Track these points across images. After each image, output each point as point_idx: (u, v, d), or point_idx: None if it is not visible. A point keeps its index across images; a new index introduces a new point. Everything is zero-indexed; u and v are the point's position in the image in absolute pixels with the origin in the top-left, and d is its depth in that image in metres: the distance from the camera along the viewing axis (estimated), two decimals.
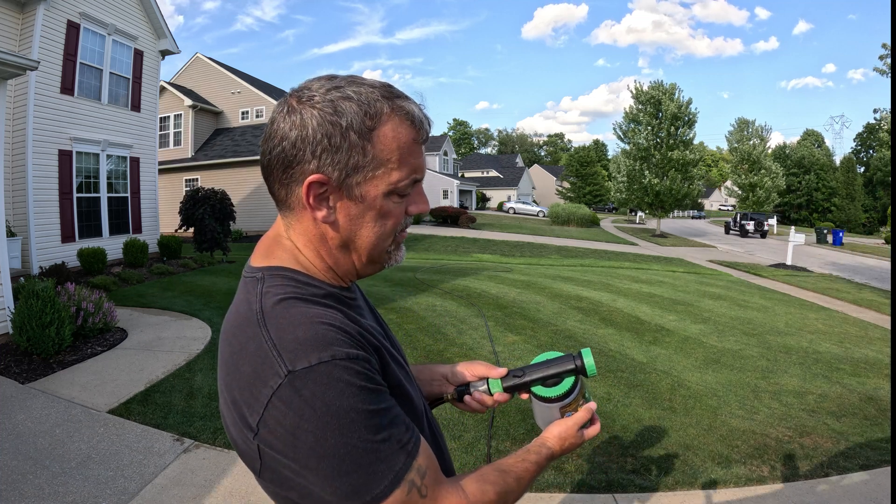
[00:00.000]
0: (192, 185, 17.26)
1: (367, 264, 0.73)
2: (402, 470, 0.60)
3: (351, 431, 0.57)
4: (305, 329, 0.60)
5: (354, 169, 0.65)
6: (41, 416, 3.39)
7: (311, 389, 0.57)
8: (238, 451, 0.66)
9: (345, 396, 0.57)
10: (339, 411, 0.57)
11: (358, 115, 0.64)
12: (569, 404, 0.86)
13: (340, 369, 0.58)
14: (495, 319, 6.10)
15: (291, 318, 0.62)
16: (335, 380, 0.58)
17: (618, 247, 19.65)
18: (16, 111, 8.11)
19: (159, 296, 7.26)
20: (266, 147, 0.67)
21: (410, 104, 0.69)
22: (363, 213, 0.68)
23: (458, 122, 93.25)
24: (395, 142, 0.66)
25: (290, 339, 0.59)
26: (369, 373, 0.61)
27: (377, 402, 0.60)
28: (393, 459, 0.60)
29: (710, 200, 72.07)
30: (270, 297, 0.65)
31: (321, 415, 0.57)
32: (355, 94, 0.65)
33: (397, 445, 0.61)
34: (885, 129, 9.48)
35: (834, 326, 6.59)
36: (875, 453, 3.12)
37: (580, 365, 0.84)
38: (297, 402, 0.57)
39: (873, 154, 48.05)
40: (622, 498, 2.63)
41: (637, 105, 26.25)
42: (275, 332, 0.61)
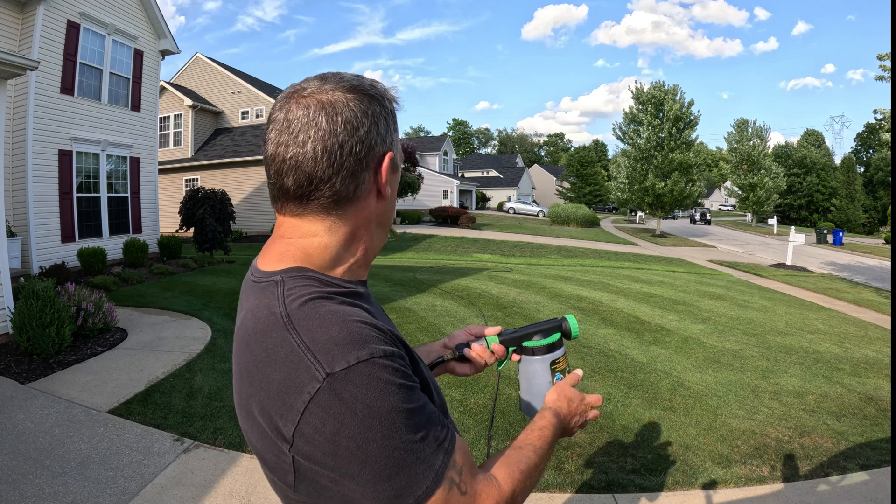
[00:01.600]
0: (192, 185, 17.26)
1: (386, 237, 0.77)
2: (441, 468, 0.60)
3: (393, 433, 0.56)
4: (339, 328, 0.58)
5: (394, 143, 0.70)
6: (41, 416, 3.39)
7: (351, 392, 0.55)
8: (266, 466, 0.64)
9: (386, 396, 0.56)
10: (381, 413, 0.55)
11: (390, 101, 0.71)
12: (558, 360, 0.90)
13: (380, 368, 0.57)
14: (495, 319, 6.10)
15: (322, 319, 0.59)
16: (375, 379, 0.56)
17: (618, 247, 19.64)
18: (16, 111, 8.11)
19: (159, 296, 7.26)
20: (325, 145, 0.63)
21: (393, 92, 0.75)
22: (395, 181, 0.72)
23: (458, 122, 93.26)
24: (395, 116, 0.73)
25: (323, 340, 0.57)
26: (405, 370, 0.60)
27: (415, 401, 0.59)
28: (433, 459, 0.59)
29: (711, 200, 72.04)
30: (295, 299, 0.62)
31: (363, 418, 0.55)
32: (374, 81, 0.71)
33: (435, 444, 0.60)
34: (885, 128, 9.42)
35: (834, 326, 6.59)
36: (875, 453, 3.12)
37: (566, 327, 0.91)
38: (338, 406, 0.55)
39: (873, 154, 48.07)
40: (622, 498, 2.63)
41: (637, 105, 26.24)
42: (306, 335, 0.58)
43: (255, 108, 22.33)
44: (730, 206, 66.86)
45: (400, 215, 26.41)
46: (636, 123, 26.15)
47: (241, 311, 0.72)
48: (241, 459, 2.95)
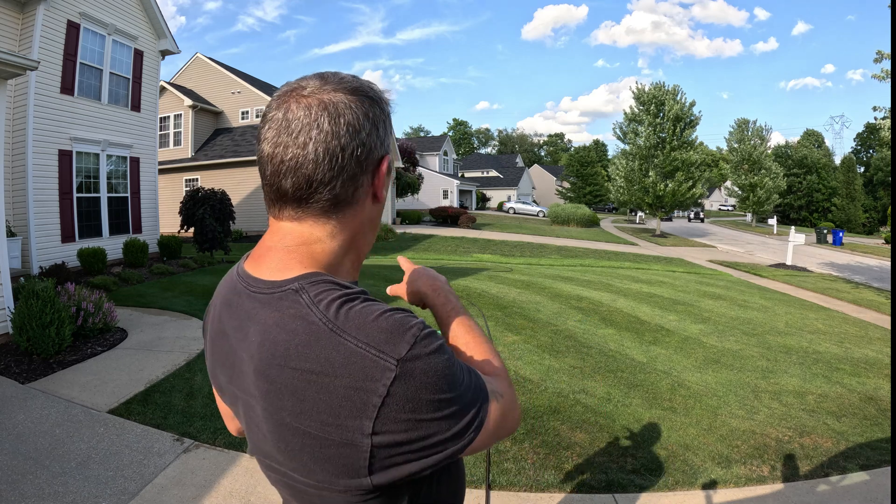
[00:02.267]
0: (192, 185, 17.26)
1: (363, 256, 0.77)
2: (485, 390, 0.66)
3: (458, 383, 0.62)
4: (384, 320, 0.60)
5: (390, 146, 0.71)
6: (41, 416, 3.39)
7: (421, 367, 0.58)
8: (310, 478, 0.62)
9: (442, 360, 0.60)
10: (445, 373, 0.60)
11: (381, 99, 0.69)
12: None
13: (428, 339, 0.60)
14: (495, 319, 6.10)
15: (364, 317, 0.60)
16: (431, 350, 0.60)
17: (618, 247, 19.64)
18: (16, 111, 8.11)
19: (159, 296, 7.26)
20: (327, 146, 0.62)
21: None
22: (387, 184, 0.72)
23: (458, 122, 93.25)
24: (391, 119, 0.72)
25: (377, 334, 0.58)
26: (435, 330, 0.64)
27: (450, 350, 0.64)
28: (481, 384, 0.66)
29: (711, 200, 72.02)
30: (328, 304, 0.61)
31: (434, 383, 0.59)
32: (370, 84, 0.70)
33: (472, 376, 0.66)
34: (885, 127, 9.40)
35: (834, 326, 6.58)
36: (875, 453, 3.12)
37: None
38: (413, 385, 0.57)
39: (874, 154, 48.05)
40: (622, 498, 2.63)
41: (638, 106, 26.24)
42: (359, 334, 0.58)
43: (256, 108, 22.32)
44: (730, 206, 66.82)
45: (400, 215, 26.40)
46: (636, 123, 26.15)
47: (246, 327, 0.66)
48: (241, 459, 2.95)
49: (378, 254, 14.25)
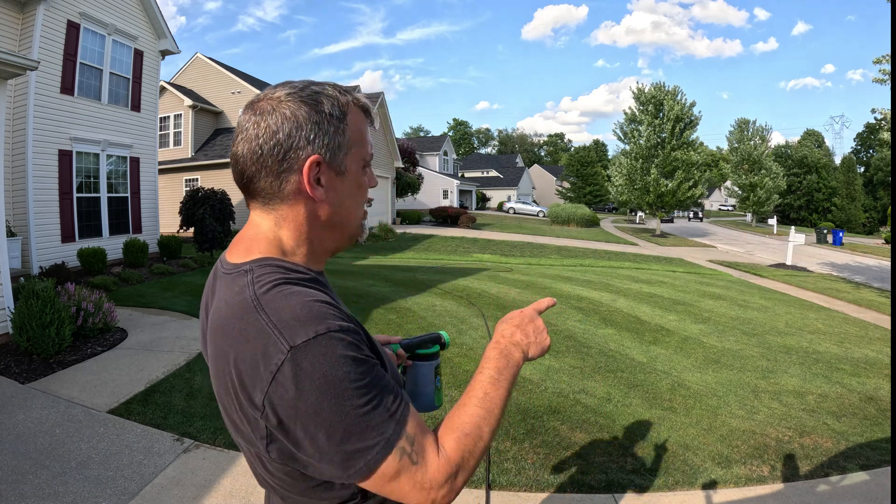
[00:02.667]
0: (192, 185, 17.25)
1: (347, 240, 0.82)
2: (392, 437, 0.65)
3: (345, 400, 0.62)
4: (301, 307, 0.65)
5: (339, 148, 0.75)
6: (41, 416, 3.39)
7: (310, 361, 0.61)
8: (242, 438, 0.71)
9: (339, 366, 0.62)
10: (335, 381, 0.61)
11: (336, 105, 0.75)
12: (439, 366, 1.11)
13: (336, 341, 0.63)
14: (495, 319, 6.09)
15: (287, 300, 0.66)
16: (331, 351, 0.62)
17: (618, 247, 19.64)
18: (16, 111, 8.10)
19: (159, 296, 7.26)
20: (250, 146, 0.72)
21: (360, 96, 0.81)
22: (346, 186, 0.77)
23: (458, 123, 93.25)
24: (357, 125, 0.78)
25: (288, 318, 0.63)
26: (360, 344, 0.66)
27: (368, 372, 0.64)
28: (384, 427, 0.64)
29: (711, 200, 72.02)
30: (263, 285, 0.68)
31: (319, 385, 0.61)
32: (323, 89, 0.76)
33: (387, 414, 0.65)
34: (885, 128, 9.42)
35: (834, 326, 6.58)
36: (875, 453, 3.12)
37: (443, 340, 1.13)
38: (299, 374, 0.61)
39: (874, 154, 48.05)
40: (622, 498, 2.63)
41: (638, 106, 26.25)
42: (273, 314, 0.64)
43: None
44: (730, 206, 66.80)
45: (400, 215, 26.40)
46: (636, 123, 26.16)
47: (212, 301, 0.77)
48: (241, 459, 2.95)
49: (378, 254, 14.25)
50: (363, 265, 11.43)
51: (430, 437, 0.70)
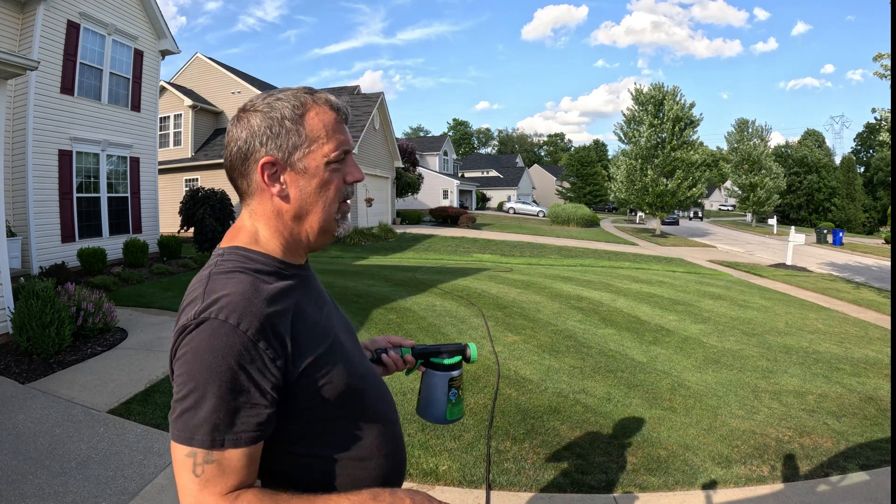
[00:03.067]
0: (192, 185, 17.25)
1: (319, 233, 0.87)
2: (196, 441, 0.71)
3: (193, 380, 0.71)
4: (228, 293, 0.75)
5: (294, 147, 0.82)
6: (41, 416, 3.39)
7: (200, 334, 0.72)
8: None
9: (211, 354, 0.71)
10: (200, 361, 0.71)
11: (288, 108, 0.82)
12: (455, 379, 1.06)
13: (224, 333, 0.72)
14: (495, 319, 6.10)
15: (223, 283, 0.77)
16: (215, 338, 0.71)
17: (618, 247, 19.64)
18: (16, 111, 8.10)
19: (159, 296, 7.26)
20: (226, 153, 0.85)
21: (328, 95, 0.86)
22: (309, 182, 0.83)
23: (458, 123, 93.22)
24: (320, 122, 0.83)
25: (212, 297, 0.74)
26: (245, 352, 0.72)
27: (228, 381, 0.71)
28: (199, 428, 0.71)
29: (711, 200, 72.02)
30: (220, 267, 0.80)
31: (189, 355, 0.72)
32: (284, 95, 0.84)
33: (212, 425, 0.71)
34: (885, 127, 9.40)
35: (834, 326, 6.58)
36: (875, 453, 3.12)
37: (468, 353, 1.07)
38: (186, 338, 0.73)
39: (873, 154, 48.03)
40: (622, 498, 2.63)
41: (637, 106, 26.25)
42: (208, 290, 0.76)
43: None
44: (730, 206, 66.80)
45: (400, 215, 26.40)
46: (636, 123, 26.16)
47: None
48: None
49: (378, 254, 14.25)
50: (363, 265, 11.43)
51: (230, 483, 0.72)
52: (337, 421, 0.85)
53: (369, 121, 20.42)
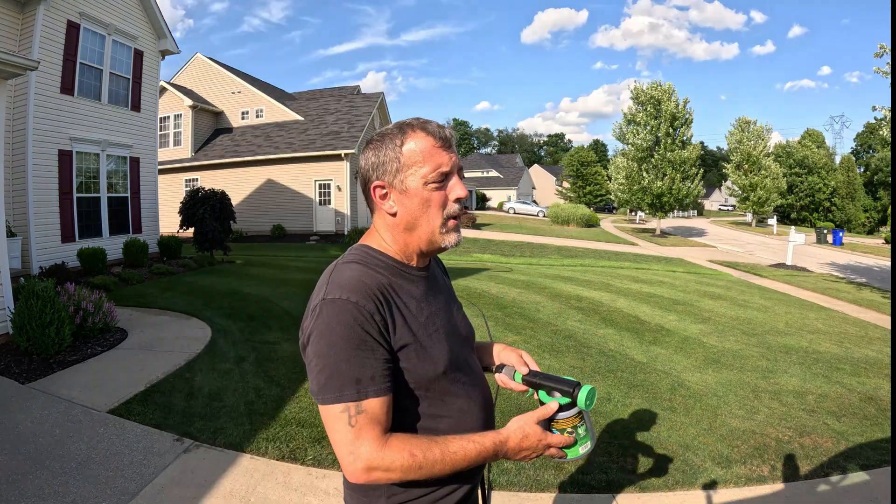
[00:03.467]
0: (192, 185, 17.24)
1: (427, 243, 1.02)
2: (345, 396, 0.85)
3: (330, 347, 0.86)
4: (346, 279, 0.92)
5: (397, 172, 0.98)
6: (41, 416, 3.39)
7: (328, 311, 0.88)
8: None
9: (340, 325, 0.87)
10: (333, 331, 0.87)
11: (392, 141, 0.98)
12: (558, 420, 0.97)
13: (345, 309, 0.88)
14: (495, 319, 6.10)
15: (345, 272, 0.95)
16: (338, 311, 0.88)
17: (618, 247, 19.64)
18: (16, 111, 8.10)
19: (159, 296, 7.26)
20: (360, 176, 1.05)
21: (429, 123, 0.99)
22: (412, 200, 0.98)
23: (458, 122, 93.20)
24: (417, 148, 0.97)
25: (336, 282, 0.92)
26: (366, 321, 0.88)
27: (358, 342, 0.87)
28: (345, 385, 0.86)
29: (711, 200, 71.96)
30: (344, 259, 1.00)
31: (323, 328, 0.88)
32: (391, 128, 1.01)
33: (354, 380, 0.86)
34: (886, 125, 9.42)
35: (834, 326, 6.58)
36: (875, 453, 3.12)
37: (574, 393, 0.96)
38: (319, 316, 0.89)
39: (874, 154, 48.02)
40: (622, 498, 2.63)
41: (636, 106, 26.24)
42: (333, 277, 0.94)
43: (255, 108, 22.31)
44: (730, 206, 66.76)
45: None
46: (635, 124, 26.15)
47: None
48: (241, 459, 2.95)
49: None
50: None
51: (380, 429, 0.86)
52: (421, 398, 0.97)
53: (369, 121, 20.42)
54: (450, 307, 1.12)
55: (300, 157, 19.30)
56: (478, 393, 1.07)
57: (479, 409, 1.05)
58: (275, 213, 19.55)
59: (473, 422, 1.02)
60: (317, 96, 25.68)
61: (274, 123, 21.72)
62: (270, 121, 21.93)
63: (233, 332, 5.41)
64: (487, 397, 1.11)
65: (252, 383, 4.03)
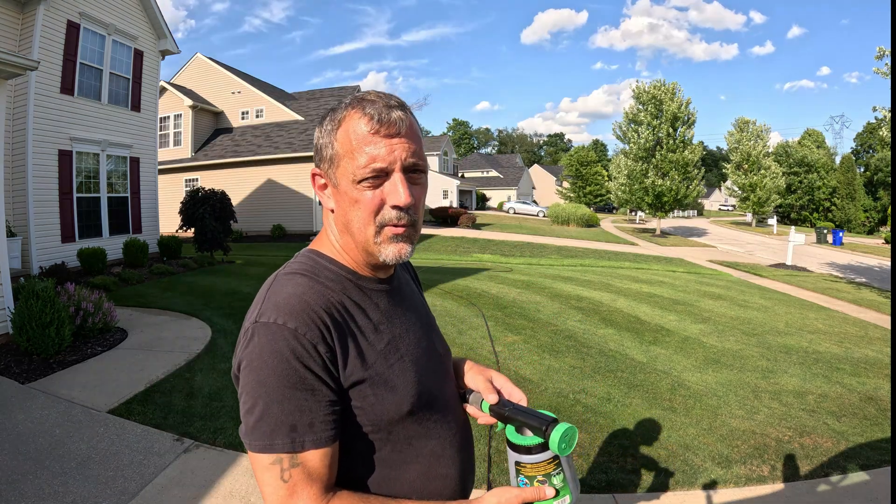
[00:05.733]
0: (192, 185, 17.25)
1: (363, 252, 0.81)
2: (277, 446, 0.69)
3: (261, 386, 0.70)
4: (284, 297, 0.75)
5: (330, 161, 0.79)
6: (41, 416, 3.39)
7: (258, 338, 0.72)
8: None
9: (273, 357, 0.70)
10: (263, 366, 0.70)
11: (331, 121, 0.79)
12: (526, 465, 0.76)
13: (282, 336, 0.71)
14: (495, 319, 6.10)
15: (284, 287, 0.77)
16: (274, 341, 0.71)
17: (618, 247, 19.64)
18: (16, 111, 8.10)
19: (159, 296, 7.26)
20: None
21: (378, 103, 0.76)
22: (342, 198, 0.79)
23: (458, 122, 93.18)
24: (351, 135, 0.75)
25: (272, 300, 0.75)
26: (305, 353, 0.71)
27: (295, 380, 0.70)
28: (276, 433, 0.70)
29: (711, 200, 71.96)
30: (287, 268, 0.82)
31: (253, 360, 0.71)
32: (338, 105, 0.79)
33: (288, 427, 0.70)
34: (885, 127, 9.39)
35: (834, 326, 6.58)
36: (875, 453, 3.12)
37: (547, 432, 0.74)
38: (250, 343, 0.72)
39: (873, 154, 48.00)
40: (622, 498, 2.63)
41: (637, 105, 26.23)
42: (270, 293, 0.77)
43: (255, 108, 22.31)
44: (730, 206, 66.76)
45: None
46: (636, 123, 26.14)
47: None
48: (242, 459, 2.95)
49: None
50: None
51: (319, 487, 0.71)
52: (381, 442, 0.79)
53: None
54: (420, 325, 0.90)
55: (300, 157, 19.30)
56: (454, 432, 0.87)
57: (455, 452, 0.86)
58: (275, 213, 19.55)
59: (448, 468, 0.84)
60: (317, 96, 25.67)
61: (274, 123, 21.72)
62: (270, 121, 21.93)
63: (233, 332, 5.41)
64: (467, 436, 0.91)
65: None
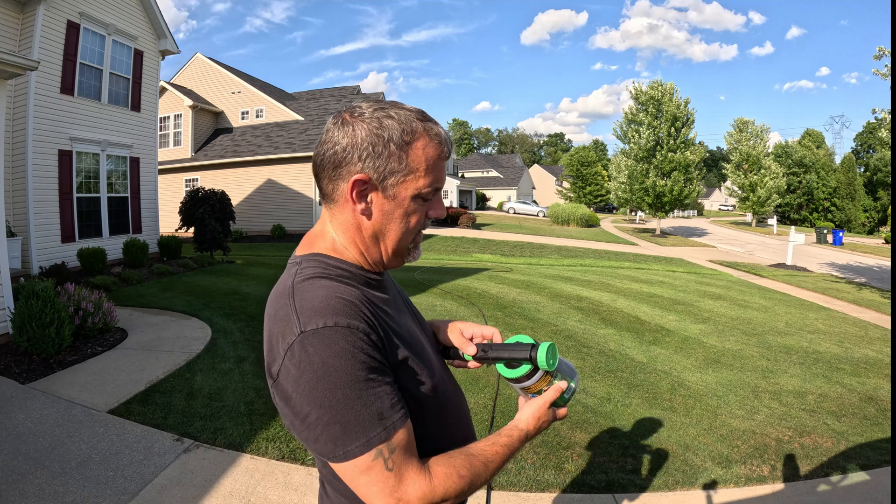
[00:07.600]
0: (192, 185, 17.26)
1: (393, 256, 0.87)
2: (374, 439, 0.71)
3: (336, 389, 0.69)
4: (320, 300, 0.75)
5: (391, 173, 0.80)
6: (41, 416, 3.39)
7: (314, 347, 0.70)
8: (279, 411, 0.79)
9: (337, 358, 0.70)
10: (330, 370, 0.69)
11: (397, 131, 0.80)
12: (529, 387, 0.93)
13: (339, 335, 0.71)
14: (495, 319, 6.10)
15: (312, 291, 0.76)
16: (333, 342, 0.70)
17: (618, 247, 19.64)
18: (16, 111, 8.10)
19: (159, 296, 7.26)
20: (319, 150, 0.83)
21: (439, 127, 0.84)
22: (393, 210, 0.83)
23: (458, 123, 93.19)
24: (424, 155, 0.81)
25: (307, 307, 0.74)
26: (364, 344, 0.73)
27: (365, 372, 0.71)
28: (369, 426, 0.71)
29: (711, 200, 71.95)
30: (301, 275, 0.80)
31: (316, 370, 0.69)
32: (396, 115, 0.81)
33: (376, 416, 0.71)
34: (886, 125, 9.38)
35: (834, 326, 6.58)
36: (875, 453, 3.12)
37: (533, 356, 0.90)
38: (303, 356, 0.70)
39: (873, 154, 47.99)
40: (622, 498, 2.63)
41: (636, 106, 26.23)
42: (298, 302, 0.75)
43: (255, 108, 22.31)
44: (730, 206, 66.75)
45: None
46: (636, 124, 26.14)
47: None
48: (241, 459, 2.95)
49: None
50: None
51: (416, 460, 0.75)
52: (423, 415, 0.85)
53: None
54: (411, 310, 1.03)
55: (300, 157, 19.29)
56: (460, 394, 0.99)
57: (465, 413, 0.99)
58: (274, 212, 19.54)
59: (466, 427, 0.96)
60: (317, 96, 25.68)
61: (274, 123, 21.72)
62: (270, 121, 21.92)
63: (233, 332, 5.41)
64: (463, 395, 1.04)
65: (252, 383, 4.03)
